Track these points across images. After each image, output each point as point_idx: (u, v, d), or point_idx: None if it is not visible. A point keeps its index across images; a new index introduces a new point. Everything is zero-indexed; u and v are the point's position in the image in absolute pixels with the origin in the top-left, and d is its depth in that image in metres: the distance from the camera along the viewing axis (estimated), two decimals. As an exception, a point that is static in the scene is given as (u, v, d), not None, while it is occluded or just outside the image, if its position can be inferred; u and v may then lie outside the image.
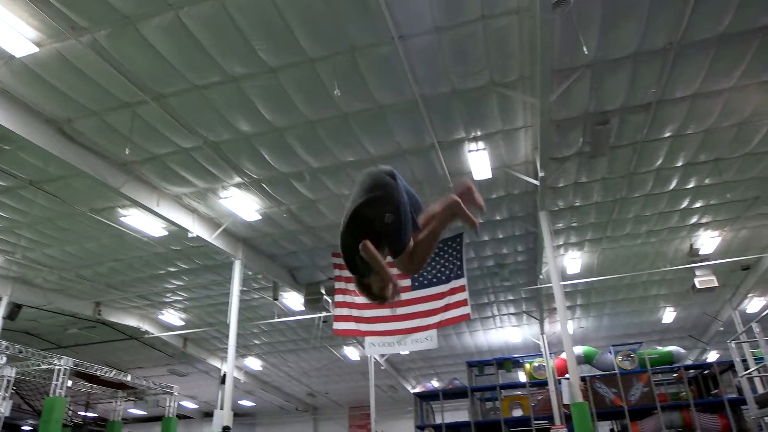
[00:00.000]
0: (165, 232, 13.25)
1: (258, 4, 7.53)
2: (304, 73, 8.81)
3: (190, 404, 30.28)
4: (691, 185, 12.75)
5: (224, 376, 15.48)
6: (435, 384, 22.61)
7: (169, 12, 7.59)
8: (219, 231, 13.40)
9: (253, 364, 24.36)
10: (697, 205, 13.65)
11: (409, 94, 9.36)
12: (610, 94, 9.73)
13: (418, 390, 17.76)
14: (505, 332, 21.58)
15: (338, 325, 14.14)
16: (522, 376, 18.06)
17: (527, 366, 16.89)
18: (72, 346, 20.36)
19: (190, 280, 16.64)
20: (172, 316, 19.33)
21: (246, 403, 30.72)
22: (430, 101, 9.64)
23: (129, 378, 16.23)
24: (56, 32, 7.71)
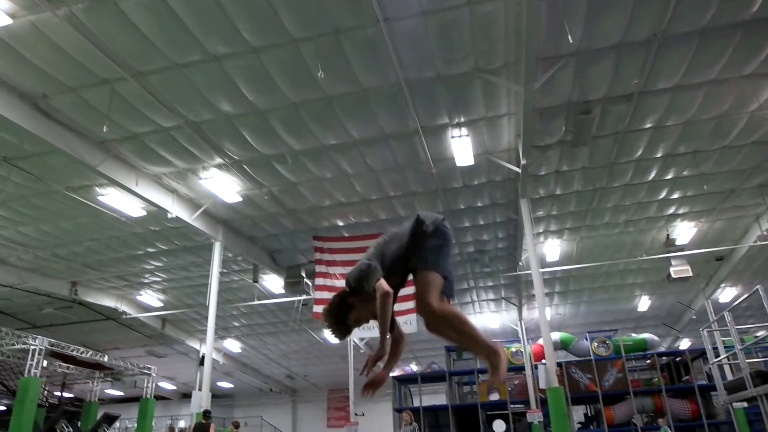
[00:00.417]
0: (144, 212, 13.06)
1: (241, -18, 7.39)
2: (288, 55, 8.69)
3: (168, 385, 30.20)
4: (669, 176, 12.94)
5: (203, 357, 15.44)
6: (414, 368, 22.81)
7: (150, -13, 7.39)
8: (199, 212, 13.26)
9: (233, 346, 24.32)
10: (675, 196, 13.89)
11: (394, 78, 9.30)
12: (594, 83, 9.78)
13: (396, 373, 17.95)
14: (484, 318, 21.82)
15: (318, 308, 14.16)
16: (499, 361, 18.28)
17: (505, 351, 17.11)
18: (47, 326, 20.08)
19: (169, 261, 16.48)
20: (151, 297, 19.17)
21: (225, 384, 30.76)
22: (414, 86, 9.58)
23: (106, 359, 16.06)
24: (31, 3, 7.46)
